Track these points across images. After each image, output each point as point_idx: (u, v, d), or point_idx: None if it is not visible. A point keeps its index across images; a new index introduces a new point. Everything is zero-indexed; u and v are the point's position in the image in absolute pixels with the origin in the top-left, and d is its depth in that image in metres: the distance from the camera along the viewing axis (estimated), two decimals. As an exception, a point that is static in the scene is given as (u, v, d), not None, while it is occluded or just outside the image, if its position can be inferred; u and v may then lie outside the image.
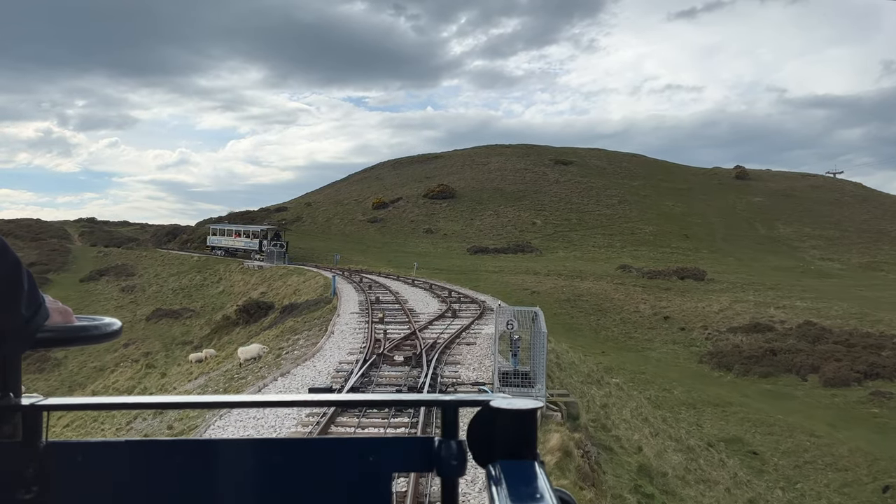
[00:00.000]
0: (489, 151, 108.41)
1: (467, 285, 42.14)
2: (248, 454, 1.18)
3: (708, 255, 70.49)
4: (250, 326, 36.50)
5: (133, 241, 73.46)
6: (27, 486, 1.09)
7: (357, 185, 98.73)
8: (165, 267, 61.38)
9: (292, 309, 33.66)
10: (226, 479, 1.16)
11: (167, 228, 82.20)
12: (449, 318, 21.88)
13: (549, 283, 48.56)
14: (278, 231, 61.60)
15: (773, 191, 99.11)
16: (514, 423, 1.04)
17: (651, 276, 53.30)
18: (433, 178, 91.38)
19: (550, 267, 56.27)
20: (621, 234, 75.29)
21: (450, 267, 55.78)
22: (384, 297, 28.53)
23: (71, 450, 1.14)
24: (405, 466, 1.18)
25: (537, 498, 0.92)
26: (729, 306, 42.75)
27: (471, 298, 29.03)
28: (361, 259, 58.64)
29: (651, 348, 36.36)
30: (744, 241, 78.33)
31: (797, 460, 19.83)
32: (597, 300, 44.67)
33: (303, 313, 30.79)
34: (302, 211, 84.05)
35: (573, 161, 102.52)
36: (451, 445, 1.11)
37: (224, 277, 54.74)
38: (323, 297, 33.41)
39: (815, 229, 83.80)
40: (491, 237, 71.75)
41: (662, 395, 27.16)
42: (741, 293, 47.68)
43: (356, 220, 79.49)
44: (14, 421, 1.10)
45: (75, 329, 1.17)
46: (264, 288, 45.09)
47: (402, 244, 70.71)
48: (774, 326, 37.29)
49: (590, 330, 39.61)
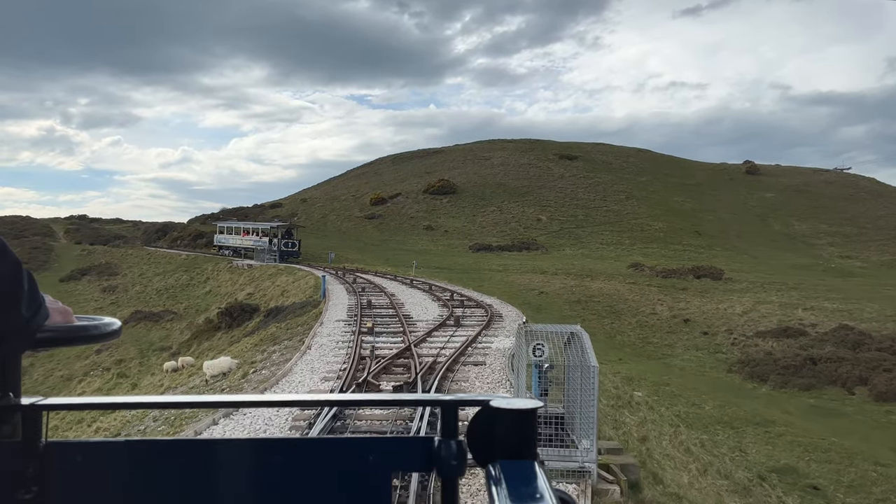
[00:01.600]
0: (491, 146, 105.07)
1: (470, 286, 38.96)
2: (248, 454, 1.17)
3: (722, 252, 67.27)
4: (233, 331, 33.42)
5: (120, 238, 70.21)
6: (27, 485, 1.09)
7: (355, 180, 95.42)
8: (151, 266, 58.24)
9: (277, 312, 30.53)
10: (226, 479, 1.15)
11: (158, 226, 79.02)
12: (451, 326, 18.68)
13: (557, 282, 45.35)
14: (290, 228, 56.85)
15: (785, 186, 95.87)
16: (513, 423, 1.04)
17: (666, 274, 50.05)
18: (434, 174, 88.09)
19: (558, 265, 53.04)
20: (630, 230, 72.03)
21: (451, 266, 52.58)
22: (377, 301, 25.35)
23: (71, 450, 1.13)
24: (405, 466, 1.18)
25: (537, 498, 0.91)
26: (753, 308, 39.52)
27: (475, 302, 25.83)
28: (358, 257, 55.42)
29: (672, 355, 33.16)
30: (758, 238, 75.13)
31: (867, 497, 16.62)
32: (610, 301, 41.46)
33: (288, 317, 27.70)
34: (297, 207, 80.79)
35: (578, 156, 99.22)
36: (451, 445, 1.11)
37: (212, 277, 51.59)
38: (311, 300, 30.29)
39: (832, 226, 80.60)
40: (494, 234, 68.51)
41: (693, 411, 23.93)
42: (763, 293, 44.44)
43: (353, 216, 76.21)
44: (14, 421, 1.10)
45: (75, 329, 1.16)
46: (252, 288, 41.93)
47: (400, 242, 67.50)
48: (806, 330, 34.09)
49: (603, 334, 36.40)
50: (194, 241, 69.95)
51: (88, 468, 1.12)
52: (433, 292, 29.92)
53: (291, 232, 55.18)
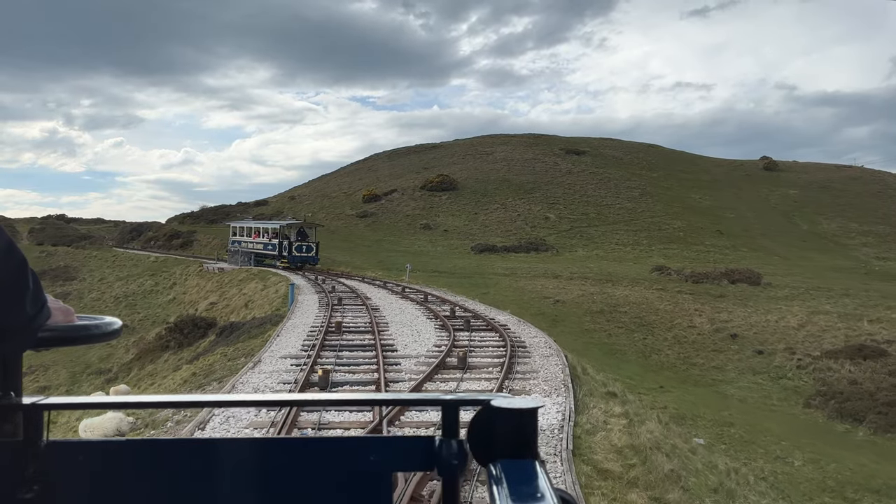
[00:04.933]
0: (493, 141, 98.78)
1: (475, 294, 32.74)
2: (249, 453, 1.17)
3: (749, 254, 61.05)
4: (182, 351, 27.23)
5: (87, 238, 63.92)
6: (28, 485, 1.09)
7: (347, 177, 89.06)
8: (115, 269, 51.98)
9: (232, 330, 24.32)
10: (226, 479, 1.16)
11: (132, 225, 72.79)
12: (453, 370, 12.28)
13: (574, 289, 39.11)
14: (303, 226, 45.54)
15: (807, 183, 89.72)
16: (514, 423, 1.04)
17: (696, 279, 43.79)
18: (432, 169, 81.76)
19: (573, 268, 46.76)
20: (647, 229, 65.78)
21: (451, 269, 46.34)
22: (354, 320, 19.11)
23: (72, 449, 1.14)
24: (406, 466, 1.18)
25: (538, 497, 0.92)
26: (808, 319, 33.25)
27: (484, 320, 19.50)
28: (346, 259, 49.13)
29: (724, 380, 26.93)
30: (785, 237, 68.92)
31: None
32: (638, 311, 35.20)
33: (241, 338, 21.53)
34: (284, 205, 74.44)
35: (586, 151, 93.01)
36: (452, 445, 1.11)
37: (178, 283, 45.35)
38: (276, 315, 24.10)
39: (862, 224, 74.39)
40: (498, 234, 62.22)
41: (780, 469, 17.67)
42: (812, 301, 38.16)
43: (343, 214, 69.83)
44: (15, 420, 1.10)
45: (76, 328, 1.16)
46: (216, 297, 35.70)
47: (395, 242, 61.21)
48: (883, 349, 27.81)
49: (636, 353, 30.19)
50: (169, 241, 63.82)
51: (90, 468, 1.12)
52: (429, 305, 23.62)
53: (306, 232, 44.87)
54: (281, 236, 43.71)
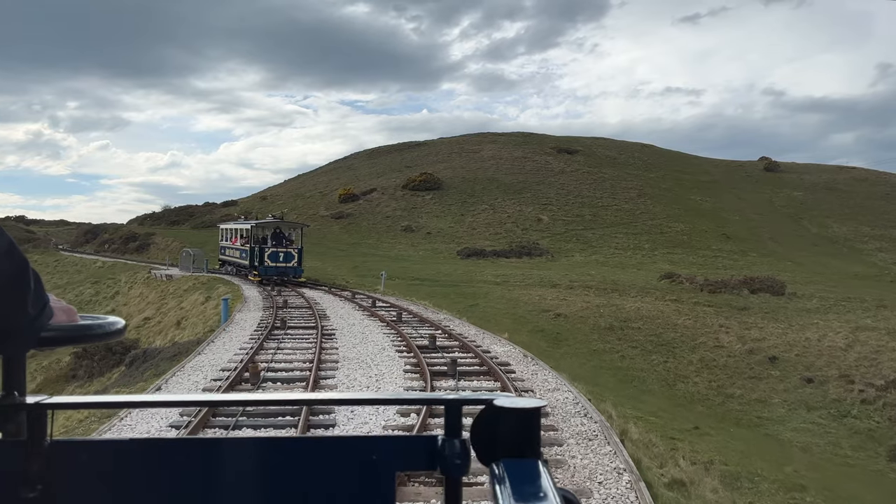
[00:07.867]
0: (481, 139, 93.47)
1: (461, 307, 27.35)
2: (252, 453, 1.17)
3: (760, 259, 56.11)
4: (91, 383, 21.71)
5: (30, 242, 57.85)
6: (32, 484, 1.09)
7: (324, 176, 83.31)
8: (56, 276, 46.12)
9: (145, 359, 18.71)
10: (230, 478, 1.16)
11: (86, 227, 66.73)
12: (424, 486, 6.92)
13: (577, 300, 33.71)
14: (279, 228, 35.63)
15: (811, 184, 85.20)
16: (517, 422, 1.04)
17: (712, 288, 38.53)
18: (415, 167, 76.25)
19: (572, 276, 41.41)
20: (648, 232, 60.67)
21: (435, 276, 40.86)
22: (289, 357, 13.57)
23: (76, 448, 1.14)
24: (408, 465, 1.17)
25: (541, 497, 0.92)
26: (854, 338, 28.02)
27: (477, 357, 13.75)
28: (317, 265, 43.45)
29: (773, 419, 21.57)
30: (795, 241, 64.12)
31: None
32: (653, 328, 29.82)
33: (145, 373, 15.99)
34: (253, 206, 68.53)
35: (578, 150, 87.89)
36: (455, 444, 1.11)
37: (122, 292, 39.59)
38: (205, 338, 18.49)
39: (874, 228, 69.83)
40: (487, 237, 56.81)
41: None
42: (849, 315, 32.95)
43: (317, 215, 64.11)
44: (19, 419, 1.10)
45: (79, 328, 1.16)
46: (152, 311, 29.99)
47: (373, 245, 55.63)
48: (960, 376, 22.72)
49: (658, 381, 24.80)
50: (125, 243, 58.01)
51: (93, 467, 1.12)
52: (403, 327, 18.00)
53: (284, 234, 35.13)
54: (252, 240, 34.33)
